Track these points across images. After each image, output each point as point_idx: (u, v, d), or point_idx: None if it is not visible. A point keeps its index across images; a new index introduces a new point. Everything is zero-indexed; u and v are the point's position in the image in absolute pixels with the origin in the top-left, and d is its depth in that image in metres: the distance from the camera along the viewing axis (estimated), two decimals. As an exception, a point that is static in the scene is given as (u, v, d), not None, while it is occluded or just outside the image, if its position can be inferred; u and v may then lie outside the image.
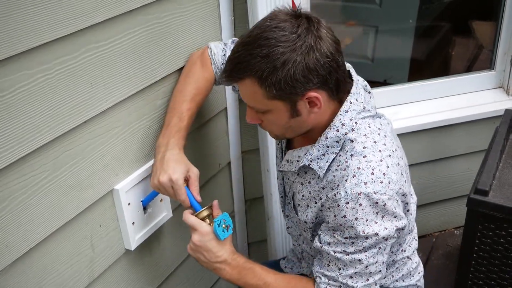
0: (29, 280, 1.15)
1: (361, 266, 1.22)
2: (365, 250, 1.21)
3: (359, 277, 1.24)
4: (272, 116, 1.20)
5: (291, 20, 1.12)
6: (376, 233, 1.18)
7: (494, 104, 2.31)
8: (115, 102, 1.27)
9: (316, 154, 1.23)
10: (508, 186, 1.78)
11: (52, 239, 1.18)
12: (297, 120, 1.20)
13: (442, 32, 3.15)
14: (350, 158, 1.19)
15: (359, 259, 1.21)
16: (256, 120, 1.25)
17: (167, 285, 1.65)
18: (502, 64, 2.35)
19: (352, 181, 1.16)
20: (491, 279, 1.80)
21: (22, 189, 1.08)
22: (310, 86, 1.13)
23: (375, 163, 1.18)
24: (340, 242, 1.21)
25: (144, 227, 1.45)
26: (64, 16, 1.07)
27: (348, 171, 1.18)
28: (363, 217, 1.17)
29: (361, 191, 1.15)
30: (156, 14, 1.33)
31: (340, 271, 1.24)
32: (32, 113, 1.06)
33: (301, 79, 1.11)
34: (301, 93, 1.14)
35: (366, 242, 1.19)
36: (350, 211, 1.17)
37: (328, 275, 1.25)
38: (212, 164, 1.76)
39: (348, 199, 1.16)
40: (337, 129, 1.21)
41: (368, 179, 1.16)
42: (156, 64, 1.38)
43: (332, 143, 1.21)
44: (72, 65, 1.12)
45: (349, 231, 1.19)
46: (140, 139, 1.39)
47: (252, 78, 1.12)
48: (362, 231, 1.17)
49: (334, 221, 1.20)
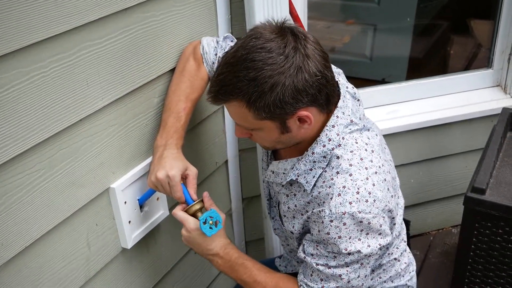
0: (25, 278, 1.14)
1: (342, 281, 1.23)
2: (347, 265, 1.21)
3: None
4: (262, 133, 1.19)
5: (277, 40, 1.09)
6: (359, 251, 1.18)
7: (492, 102, 2.31)
8: (111, 100, 1.26)
9: (303, 169, 1.22)
10: (505, 185, 1.78)
11: (48, 237, 1.18)
12: (287, 136, 1.19)
13: (440, 31, 3.15)
14: (335, 175, 1.18)
15: (340, 274, 1.22)
16: (245, 135, 1.24)
17: (164, 283, 1.65)
18: (499, 62, 2.35)
19: (337, 200, 1.16)
20: (488, 277, 1.80)
21: (17, 187, 1.08)
22: (299, 105, 1.11)
23: (360, 181, 1.17)
24: (323, 255, 1.22)
25: (141, 225, 1.44)
26: (59, 14, 1.07)
27: (333, 189, 1.17)
28: (346, 235, 1.17)
29: (345, 211, 1.15)
30: (152, 12, 1.33)
31: (322, 283, 1.24)
32: (27, 111, 1.06)
33: (290, 101, 1.09)
34: (291, 113, 1.12)
35: (348, 258, 1.20)
36: (333, 229, 1.16)
37: (310, 286, 1.26)
38: (209, 163, 1.76)
39: (332, 217, 1.16)
40: (323, 145, 1.19)
41: (353, 199, 1.15)
42: (152, 62, 1.37)
43: (319, 158, 1.20)
44: (67, 63, 1.12)
45: (332, 247, 1.19)
46: (136, 137, 1.38)
47: (240, 101, 1.11)
48: (345, 248, 1.18)
49: (318, 235, 1.21)
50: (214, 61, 1.42)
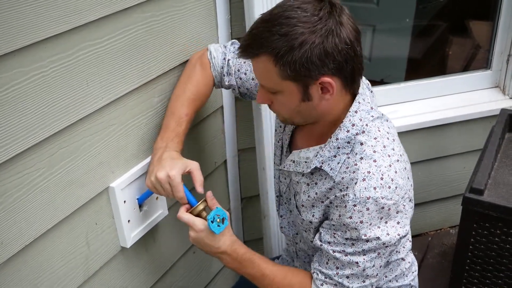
0: (24, 277, 1.15)
1: (358, 269, 1.23)
2: (364, 253, 1.21)
3: (356, 278, 1.24)
4: (283, 97, 1.18)
5: (314, 3, 1.10)
6: (378, 238, 1.18)
7: (490, 103, 2.31)
8: (111, 99, 1.27)
9: (327, 155, 1.22)
10: (503, 185, 1.78)
11: (47, 236, 1.18)
12: (308, 105, 1.17)
13: (439, 32, 3.16)
14: (359, 161, 1.19)
15: (356, 262, 1.22)
16: (266, 101, 1.23)
17: (163, 282, 1.65)
18: (498, 63, 2.35)
19: (362, 185, 1.16)
20: (486, 277, 1.80)
21: (17, 186, 1.08)
22: (325, 70, 1.10)
23: (384, 168, 1.18)
24: (340, 242, 1.22)
25: (140, 225, 1.45)
26: (59, 14, 1.07)
27: (357, 174, 1.17)
28: (368, 221, 1.17)
29: (370, 196, 1.16)
30: (152, 12, 1.33)
31: (337, 270, 1.24)
32: (27, 111, 1.06)
33: (317, 62, 1.09)
34: (315, 77, 1.11)
35: (366, 245, 1.20)
36: (356, 214, 1.17)
37: (325, 273, 1.26)
38: (208, 163, 1.76)
39: (356, 201, 1.16)
40: (347, 130, 1.20)
41: (378, 184, 1.16)
42: (152, 62, 1.38)
43: (343, 144, 1.21)
44: (67, 62, 1.12)
45: (351, 232, 1.19)
46: (136, 136, 1.39)
47: (268, 55, 1.10)
48: (364, 234, 1.18)
49: (338, 220, 1.20)
50: (223, 65, 1.43)
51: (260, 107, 1.72)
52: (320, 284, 1.27)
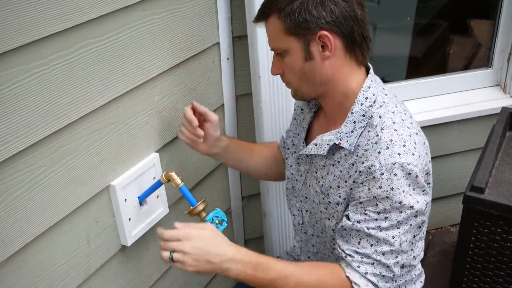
0: (25, 275, 1.15)
1: (395, 244, 1.21)
2: (398, 226, 1.20)
3: (391, 254, 1.22)
4: (289, 58, 1.24)
5: None
6: (411, 206, 1.19)
7: (491, 102, 2.31)
8: (112, 98, 1.27)
9: (345, 131, 1.25)
10: (504, 184, 1.78)
11: (48, 234, 1.18)
12: (310, 65, 1.23)
13: (440, 30, 3.15)
14: (380, 131, 1.22)
15: (392, 236, 1.21)
16: (278, 70, 1.29)
17: (164, 280, 1.65)
18: (499, 62, 2.35)
19: (386, 153, 1.18)
20: (487, 276, 1.80)
21: (17, 184, 1.08)
22: (322, 23, 1.17)
23: (406, 136, 1.21)
24: (373, 218, 1.20)
25: (141, 223, 1.45)
26: (60, 12, 1.07)
27: (380, 144, 1.20)
28: (399, 187, 1.17)
29: (395, 161, 1.17)
30: (153, 10, 1.33)
31: (373, 248, 1.22)
32: (28, 109, 1.06)
33: (313, 12, 1.17)
34: (313, 30, 1.18)
35: (400, 216, 1.19)
36: (385, 182, 1.17)
37: (361, 253, 1.22)
38: (209, 161, 1.76)
39: (382, 170, 1.17)
40: (361, 103, 1.25)
41: (401, 150, 1.18)
42: (153, 60, 1.38)
43: (359, 117, 1.24)
44: (68, 60, 1.12)
45: (384, 203, 1.19)
46: (136, 135, 1.39)
47: (274, 13, 1.21)
48: (399, 201, 1.18)
49: (368, 194, 1.20)
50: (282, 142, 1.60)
51: (261, 105, 1.72)
52: (357, 266, 1.22)
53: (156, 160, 1.46)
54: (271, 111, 1.74)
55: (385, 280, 1.24)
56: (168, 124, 1.50)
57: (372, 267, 1.23)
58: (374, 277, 1.23)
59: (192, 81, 1.57)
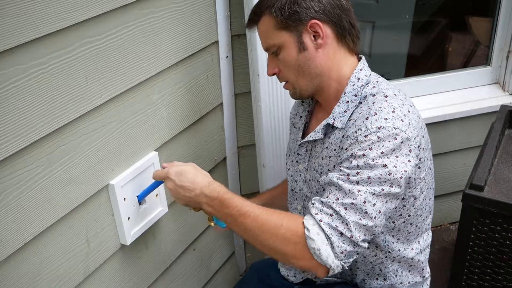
0: (24, 275, 1.15)
1: (359, 198, 1.14)
2: (368, 183, 1.15)
3: (353, 211, 1.14)
4: (283, 53, 1.28)
5: None
6: (385, 165, 1.14)
7: (490, 100, 2.31)
8: (110, 97, 1.26)
9: (338, 111, 1.27)
10: (503, 182, 1.78)
11: (47, 234, 1.18)
12: (304, 56, 1.26)
13: (439, 28, 3.15)
14: (372, 104, 1.23)
15: (358, 189, 1.14)
16: (274, 69, 1.32)
17: (163, 279, 1.65)
18: (498, 60, 2.35)
19: (373, 118, 1.19)
20: (486, 273, 1.80)
21: (16, 184, 1.08)
22: (312, 13, 1.23)
23: (396, 104, 1.22)
24: (345, 172, 1.17)
25: (140, 222, 1.45)
26: (58, 10, 1.06)
27: (369, 112, 1.21)
28: (378, 148, 1.16)
29: (381, 126, 1.17)
30: (151, 9, 1.33)
31: (337, 200, 1.16)
32: (26, 108, 1.06)
33: (302, 3, 1.23)
34: (304, 21, 1.23)
35: (372, 172, 1.14)
36: (367, 143, 1.17)
37: (323, 201, 1.17)
38: (208, 160, 1.76)
39: (367, 132, 1.18)
40: (353, 84, 1.28)
41: (389, 116, 1.19)
42: (152, 59, 1.37)
43: (351, 97, 1.27)
44: (67, 59, 1.12)
45: (358, 160, 1.16)
46: (135, 134, 1.38)
47: (265, 12, 1.27)
48: (372, 158, 1.15)
49: (347, 153, 1.19)
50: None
51: (260, 103, 1.72)
52: (315, 212, 1.16)
53: (155, 159, 1.46)
54: (270, 109, 1.74)
55: (342, 239, 1.14)
56: (167, 123, 1.50)
57: (329, 217, 1.15)
58: (329, 227, 1.14)
59: (191, 79, 1.57)
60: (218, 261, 1.98)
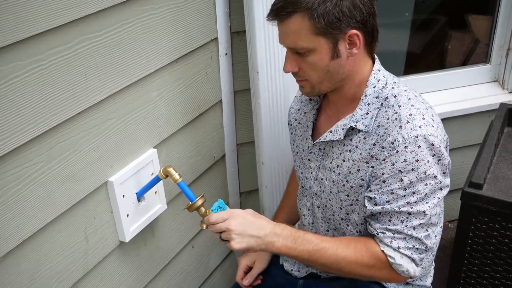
0: (23, 271, 1.15)
1: (425, 218, 1.25)
2: (426, 199, 1.24)
3: (421, 227, 1.26)
4: (313, 57, 1.23)
5: None
6: (435, 176, 1.22)
7: (489, 98, 2.31)
8: (110, 93, 1.26)
9: (360, 113, 1.28)
10: (502, 180, 1.79)
11: (45, 231, 1.18)
12: (336, 63, 1.24)
13: (438, 26, 3.14)
14: (398, 108, 1.25)
15: (423, 211, 1.24)
16: (294, 67, 1.27)
17: (162, 276, 1.65)
18: (497, 58, 2.35)
19: (408, 126, 1.22)
20: (485, 271, 1.80)
21: (15, 180, 1.08)
22: (353, 22, 1.19)
23: (423, 109, 1.26)
24: (400, 195, 1.24)
25: (139, 219, 1.44)
26: (57, 7, 1.06)
27: (400, 119, 1.24)
28: (423, 158, 1.21)
29: (418, 134, 1.21)
30: (151, 5, 1.32)
31: (403, 224, 1.26)
32: (25, 104, 1.05)
33: (347, 13, 1.18)
34: (344, 30, 1.19)
35: (426, 188, 1.23)
36: (410, 154, 1.21)
37: (392, 229, 1.27)
38: (207, 157, 1.76)
39: (406, 143, 1.21)
40: (374, 85, 1.28)
41: (421, 123, 1.23)
42: (151, 56, 1.37)
43: (372, 99, 1.28)
44: (66, 56, 1.12)
45: (409, 175, 1.22)
46: (134, 130, 1.38)
47: (302, 12, 1.18)
48: (424, 172, 1.21)
49: (393, 169, 1.22)
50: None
51: (259, 101, 1.71)
52: (389, 241, 1.27)
53: (154, 156, 1.46)
54: (269, 107, 1.74)
55: (419, 252, 1.27)
56: (166, 120, 1.50)
57: (404, 242, 1.26)
58: (408, 250, 1.27)
59: (190, 76, 1.57)
60: (217, 258, 1.98)
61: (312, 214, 1.48)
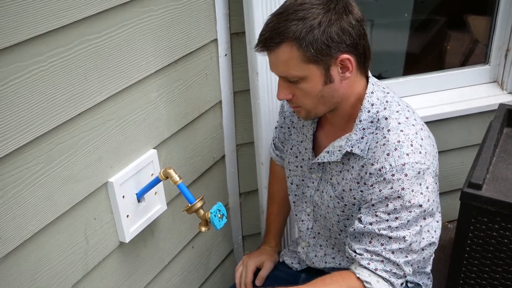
0: (23, 272, 1.15)
1: (405, 243, 1.25)
2: (408, 226, 1.24)
3: (400, 252, 1.26)
4: (306, 84, 1.22)
5: None
6: (420, 205, 1.22)
7: (489, 98, 2.31)
8: (109, 94, 1.26)
9: (355, 138, 1.27)
10: (501, 180, 1.79)
11: (46, 231, 1.18)
12: (330, 88, 1.23)
13: (437, 26, 3.15)
14: (387, 133, 1.24)
15: (403, 236, 1.24)
16: (288, 95, 1.26)
17: (161, 277, 1.65)
18: (496, 58, 2.35)
19: (395, 154, 1.21)
20: (484, 272, 1.81)
21: (15, 181, 1.08)
22: (343, 47, 1.17)
23: (412, 135, 1.24)
24: (384, 219, 1.24)
25: (139, 220, 1.45)
26: (58, 8, 1.06)
27: (388, 145, 1.22)
28: (409, 187, 1.21)
29: (405, 162, 1.20)
30: (150, 7, 1.33)
31: (383, 246, 1.26)
32: (25, 105, 1.06)
33: (336, 38, 1.15)
34: (334, 55, 1.17)
35: (410, 215, 1.23)
36: (396, 182, 1.21)
37: (371, 251, 1.27)
38: (207, 157, 1.76)
39: (393, 171, 1.21)
40: (368, 110, 1.26)
41: (409, 150, 1.22)
42: (150, 57, 1.37)
43: (367, 124, 1.27)
44: (66, 57, 1.12)
45: (394, 203, 1.22)
46: (134, 131, 1.38)
47: (290, 41, 1.15)
48: (408, 200, 1.21)
49: (379, 195, 1.23)
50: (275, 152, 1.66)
51: (259, 102, 1.72)
52: (367, 263, 1.27)
53: (154, 157, 1.46)
54: (268, 107, 1.74)
55: (397, 277, 1.28)
56: (166, 121, 1.50)
57: (381, 264, 1.26)
58: (385, 273, 1.26)
59: (189, 77, 1.57)
60: (217, 259, 1.98)
61: (313, 220, 1.49)
